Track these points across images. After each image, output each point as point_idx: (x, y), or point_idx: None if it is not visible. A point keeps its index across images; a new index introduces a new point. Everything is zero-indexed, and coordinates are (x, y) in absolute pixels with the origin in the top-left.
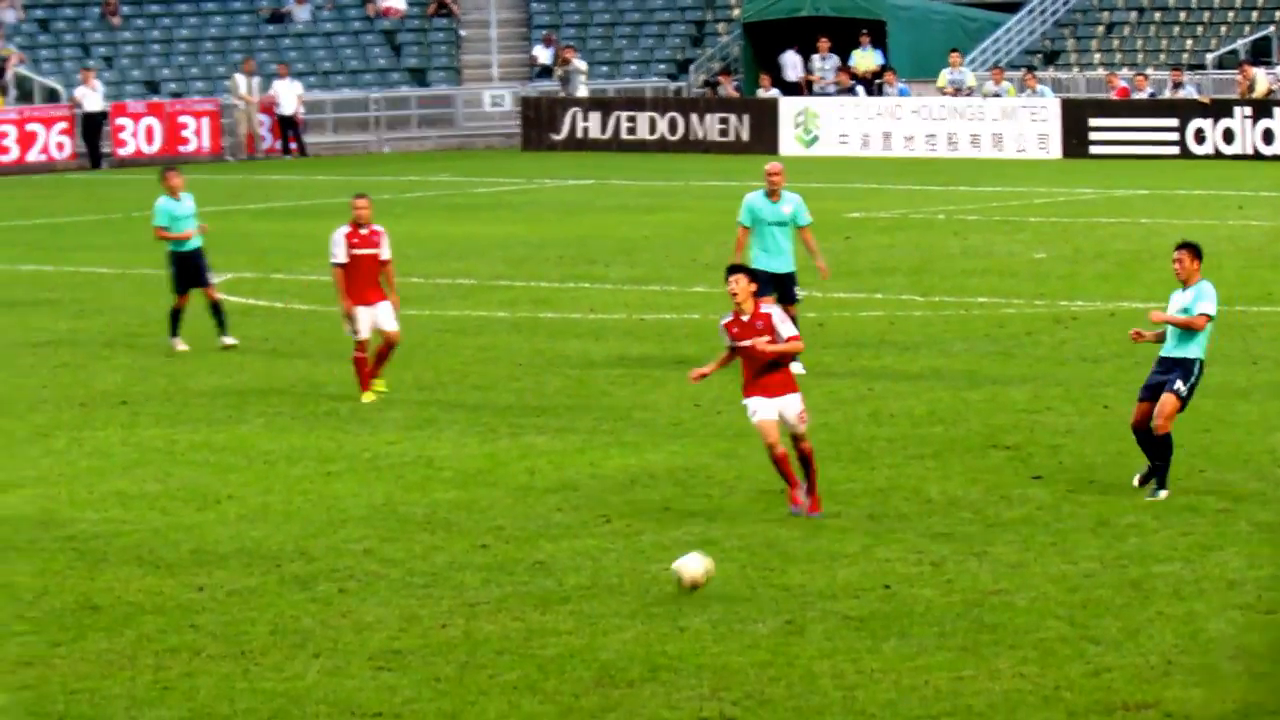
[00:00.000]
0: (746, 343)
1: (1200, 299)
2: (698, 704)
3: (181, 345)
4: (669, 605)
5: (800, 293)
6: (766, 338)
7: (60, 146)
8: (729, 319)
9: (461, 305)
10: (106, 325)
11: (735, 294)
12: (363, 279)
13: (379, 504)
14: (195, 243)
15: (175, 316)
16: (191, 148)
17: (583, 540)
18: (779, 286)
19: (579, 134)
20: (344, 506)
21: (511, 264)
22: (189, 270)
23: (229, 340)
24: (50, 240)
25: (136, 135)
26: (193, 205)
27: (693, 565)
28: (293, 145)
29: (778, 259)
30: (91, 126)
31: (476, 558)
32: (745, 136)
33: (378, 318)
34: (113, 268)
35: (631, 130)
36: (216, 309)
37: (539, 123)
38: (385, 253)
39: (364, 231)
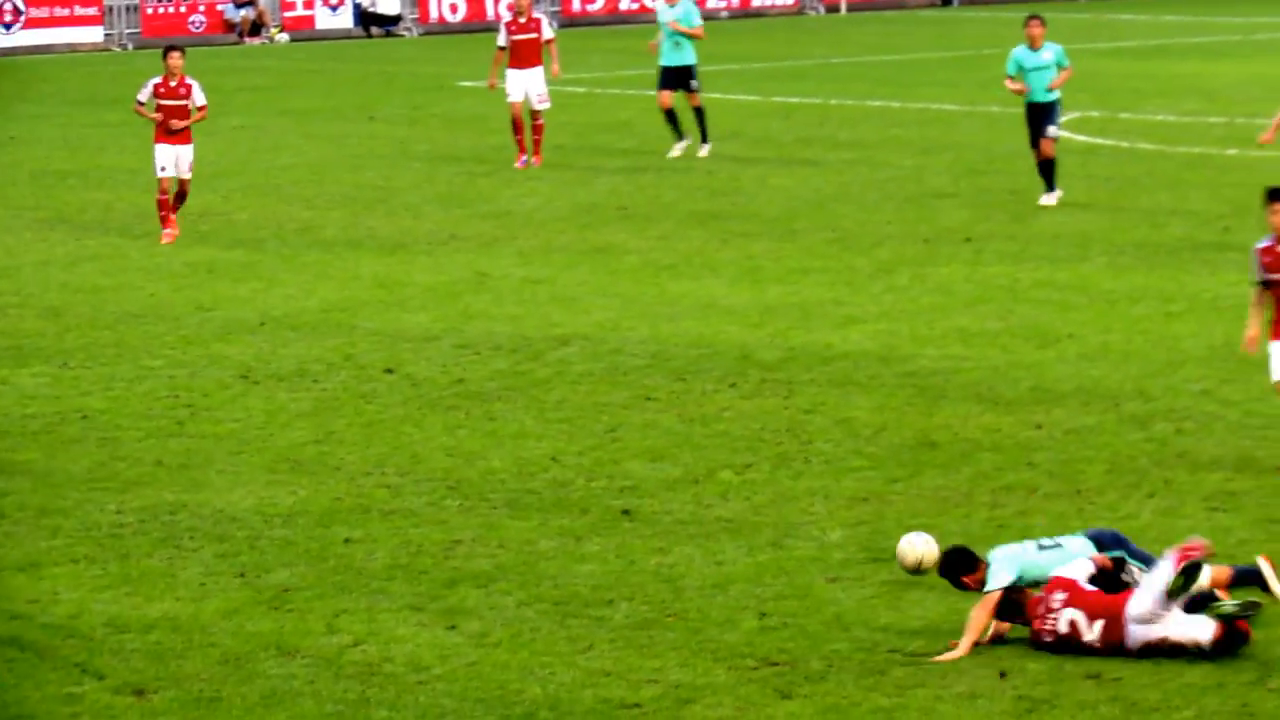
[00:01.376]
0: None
1: None
2: None
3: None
4: None
5: None
6: None
7: None
8: (1266, 243)
9: None
10: (953, 162)
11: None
12: None
13: (1218, 345)
14: (1046, 96)
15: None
16: None
17: None
18: None
19: None
20: (1183, 347)
21: None
22: (1034, 121)
23: None
24: (899, 76)
25: None
26: (1053, 56)
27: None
28: None
29: None
30: None
31: None
32: None
33: None
34: (960, 105)
35: None
36: (1048, 165)
37: None
38: None
39: None
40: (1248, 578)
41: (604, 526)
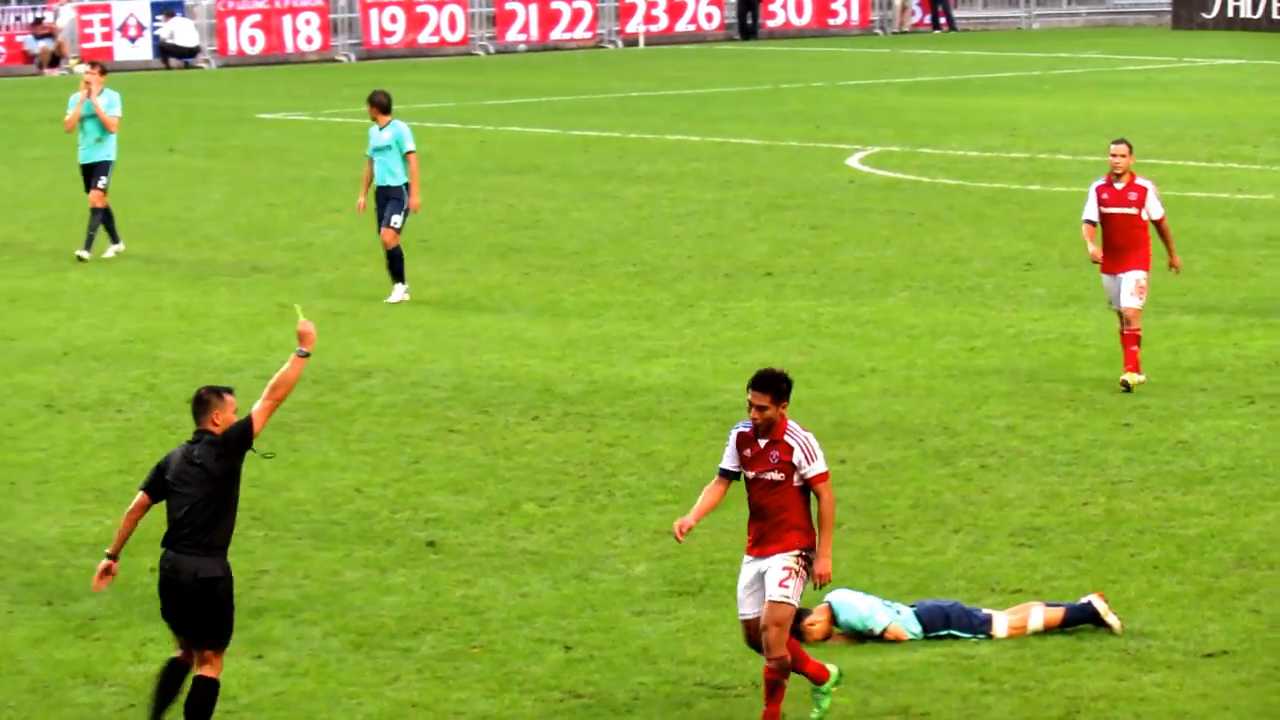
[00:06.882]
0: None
1: None
2: None
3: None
4: None
5: None
6: None
7: (709, 17)
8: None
9: None
10: (753, 196)
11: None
12: (1112, 241)
13: (1022, 380)
14: (392, 179)
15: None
16: (840, 21)
17: (1226, 421)
18: None
19: (1230, 13)
20: (987, 382)
21: (1159, 142)
22: (381, 206)
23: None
24: (697, 110)
25: (786, 7)
26: (392, 137)
27: None
28: (942, 19)
29: None
30: None
31: (1119, 436)
32: None
33: (1121, 289)
34: (760, 139)
35: None
36: (393, 256)
37: (1190, 1)
38: (1156, 210)
39: (1119, 186)
40: (1082, 615)
41: (409, 558)
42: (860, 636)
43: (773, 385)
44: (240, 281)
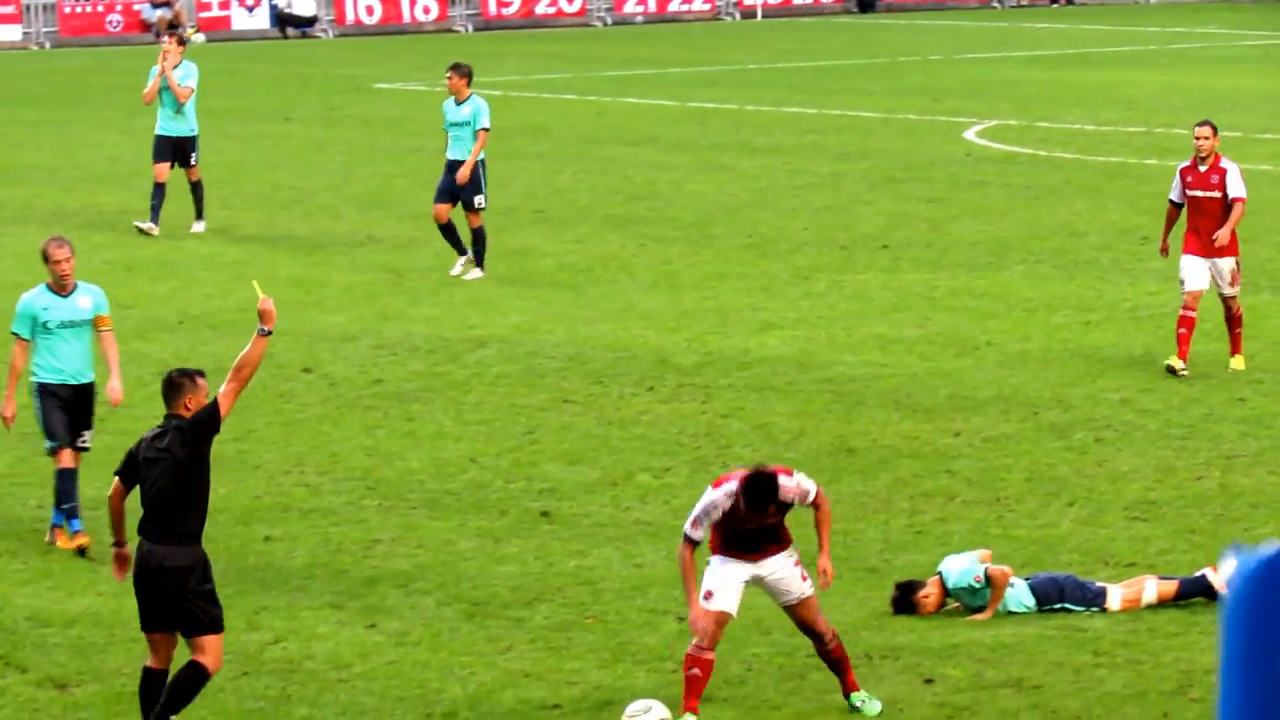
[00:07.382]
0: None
1: None
2: None
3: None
4: None
5: None
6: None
7: None
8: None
9: None
10: (869, 169)
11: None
12: (1196, 223)
13: (1138, 355)
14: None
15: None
16: None
17: None
18: None
19: None
20: (1102, 356)
21: (1278, 117)
22: (451, 180)
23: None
24: (814, 82)
25: None
26: (471, 113)
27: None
28: None
29: None
30: None
31: (1234, 410)
32: None
33: (1216, 272)
34: (876, 112)
35: None
36: (477, 236)
37: None
38: (1234, 190)
39: (1202, 169)
40: (1196, 588)
41: (523, 528)
42: (972, 596)
43: (774, 496)
44: (356, 251)
